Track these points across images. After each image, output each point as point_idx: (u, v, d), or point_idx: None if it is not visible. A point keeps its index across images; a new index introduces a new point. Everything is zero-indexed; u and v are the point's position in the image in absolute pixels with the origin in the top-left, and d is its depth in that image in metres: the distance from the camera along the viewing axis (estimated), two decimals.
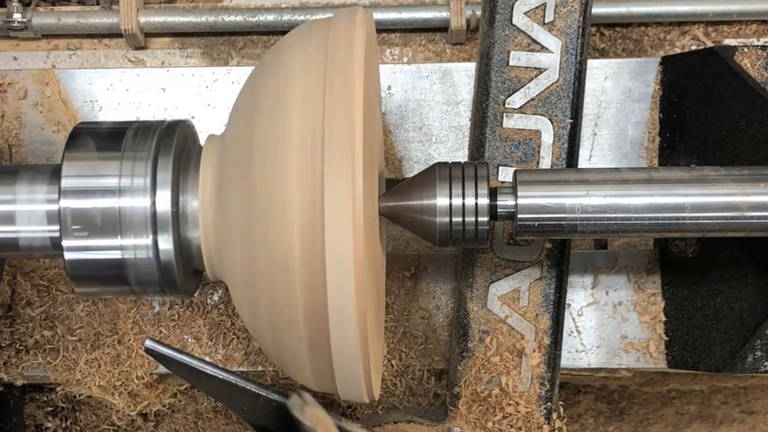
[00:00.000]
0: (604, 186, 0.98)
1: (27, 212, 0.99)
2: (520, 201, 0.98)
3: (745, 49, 1.15)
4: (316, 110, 0.87)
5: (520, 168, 1.15)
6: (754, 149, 1.11)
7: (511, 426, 1.16)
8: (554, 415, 1.18)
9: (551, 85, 1.16)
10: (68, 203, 0.95)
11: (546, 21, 1.16)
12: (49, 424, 1.57)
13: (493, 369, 1.17)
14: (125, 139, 0.98)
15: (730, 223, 0.97)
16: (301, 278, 0.87)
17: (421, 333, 1.30)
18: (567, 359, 1.27)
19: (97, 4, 1.45)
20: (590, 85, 1.26)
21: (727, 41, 1.41)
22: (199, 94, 1.31)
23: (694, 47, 1.42)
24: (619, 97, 1.29)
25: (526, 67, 1.17)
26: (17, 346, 1.29)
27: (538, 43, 1.17)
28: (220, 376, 1.02)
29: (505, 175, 1.16)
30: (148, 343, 1.02)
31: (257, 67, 0.99)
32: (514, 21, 1.17)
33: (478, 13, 1.35)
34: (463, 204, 0.97)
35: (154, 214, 0.94)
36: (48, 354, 1.28)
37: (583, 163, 1.27)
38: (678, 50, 1.42)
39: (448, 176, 0.98)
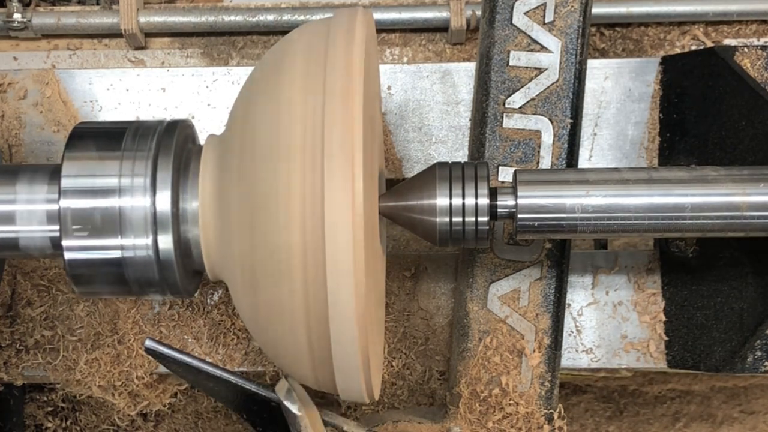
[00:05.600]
0: (604, 186, 0.98)
1: (27, 212, 0.99)
2: (520, 201, 0.98)
3: (745, 49, 1.15)
4: (315, 110, 0.87)
5: (520, 168, 1.15)
6: (754, 149, 1.11)
7: (512, 426, 1.16)
8: (555, 415, 1.18)
9: (551, 85, 1.16)
10: (68, 203, 0.95)
11: (546, 21, 1.16)
12: (49, 424, 1.57)
13: (493, 369, 1.17)
14: (125, 139, 0.98)
15: (730, 223, 0.97)
16: (301, 278, 0.87)
17: (421, 333, 1.30)
18: (567, 359, 1.27)
19: (97, 4, 1.45)
20: (590, 85, 1.26)
21: (727, 41, 1.41)
22: (199, 94, 1.31)
23: (694, 47, 1.42)
24: (619, 97, 1.29)
25: (526, 67, 1.17)
26: (17, 346, 1.29)
27: (538, 43, 1.17)
28: (220, 376, 1.02)
29: (505, 175, 1.16)
30: (148, 343, 1.02)
31: (257, 67, 0.99)
32: (514, 21, 1.17)
33: (478, 13, 1.35)
34: (463, 204, 0.97)
35: (154, 213, 0.94)
36: (48, 354, 1.28)
37: (583, 163, 1.27)
38: (678, 50, 1.42)
39: (448, 176, 0.98)
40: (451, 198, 0.97)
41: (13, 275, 1.29)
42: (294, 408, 0.98)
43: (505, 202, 0.99)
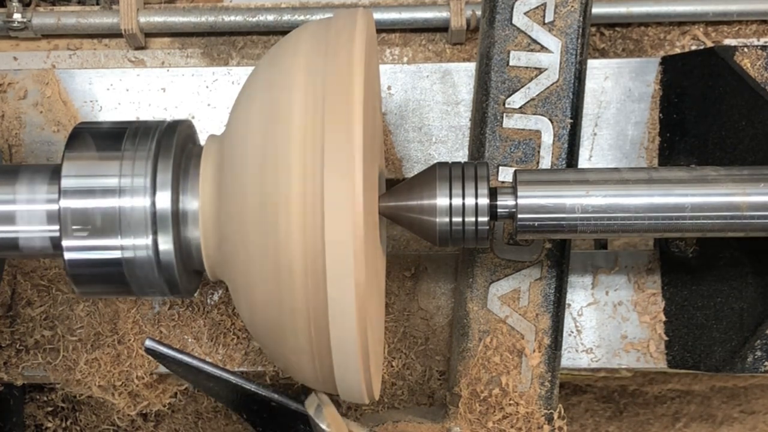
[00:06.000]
0: (604, 186, 0.98)
1: (27, 212, 0.99)
2: (520, 201, 0.98)
3: (745, 49, 1.15)
4: (316, 110, 0.87)
5: (520, 168, 1.15)
6: (754, 149, 1.11)
7: (512, 426, 1.16)
8: (555, 415, 1.18)
9: (551, 85, 1.16)
10: (68, 203, 0.95)
11: (546, 21, 1.16)
12: (49, 424, 1.57)
13: (493, 369, 1.17)
14: (125, 139, 0.98)
15: (730, 223, 0.97)
16: (301, 278, 0.87)
17: (421, 333, 1.30)
18: (567, 359, 1.27)
19: (97, 4, 1.45)
20: (590, 85, 1.26)
21: (727, 41, 1.41)
22: (199, 94, 1.31)
23: (694, 47, 1.42)
24: (619, 97, 1.29)
25: (526, 67, 1.17)
26: (17, 346, 1.29)
27: (538, 43, 1.17)
28: (220, 376, 1.03)
29: (505, 175, 1.16)
30: (148, 343, 1.02)
31: (257, 67, 0.99)
32: (514, 21, 1.17)
33: (478, 13, 1.35)
34: (463, 204, 0.97)
35: (154, 214, 0.94)
36: (48, 354, 1.28)
37: (583, 163, 1.27)
38: (678, 50, 1.42)
39: (448, 176, 0.98)
40: (451, 198, 0.97)
41: (13, 275, 1.29)
42: (323, 425, 0.98)
43: (505, 202, 0.99)
